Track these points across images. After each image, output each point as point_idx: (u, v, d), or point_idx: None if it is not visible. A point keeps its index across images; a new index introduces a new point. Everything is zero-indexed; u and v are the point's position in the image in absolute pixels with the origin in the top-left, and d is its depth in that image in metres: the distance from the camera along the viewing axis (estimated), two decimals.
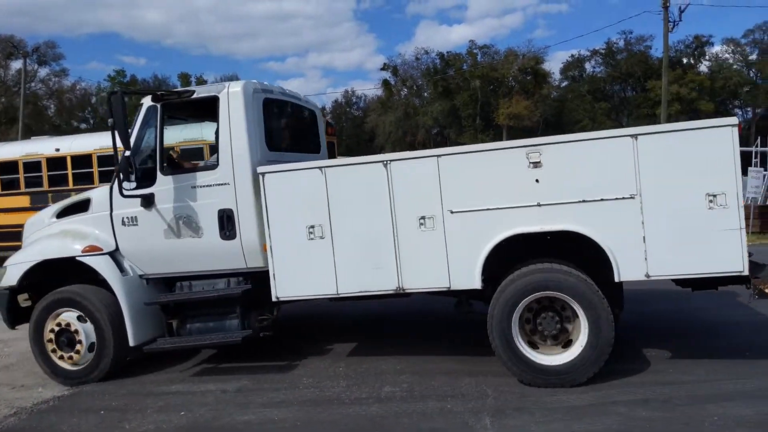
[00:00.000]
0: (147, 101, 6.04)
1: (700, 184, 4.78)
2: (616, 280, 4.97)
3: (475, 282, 5.20)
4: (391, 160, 5.41)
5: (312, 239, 5.52)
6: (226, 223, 5.80)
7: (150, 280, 6.15)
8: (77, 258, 6.06)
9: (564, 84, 62.04)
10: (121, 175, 5.66)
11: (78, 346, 6.01)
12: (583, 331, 5.02)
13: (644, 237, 4.87)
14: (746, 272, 4.76)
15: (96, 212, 6.20)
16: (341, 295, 5.54)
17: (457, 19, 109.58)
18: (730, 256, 4.76)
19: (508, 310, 5.09)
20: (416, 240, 5.30)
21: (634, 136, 4.89)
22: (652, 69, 53.24)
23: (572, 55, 61.46)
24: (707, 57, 58.66)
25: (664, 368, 5.32)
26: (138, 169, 5.90)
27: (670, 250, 4.85)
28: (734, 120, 4.77)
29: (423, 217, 5.27)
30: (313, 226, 5.51)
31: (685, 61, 57.89)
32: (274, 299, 5.66)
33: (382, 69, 60.18)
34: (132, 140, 5.78)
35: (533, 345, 5.19)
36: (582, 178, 4.98)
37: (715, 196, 4.75)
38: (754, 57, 57.48)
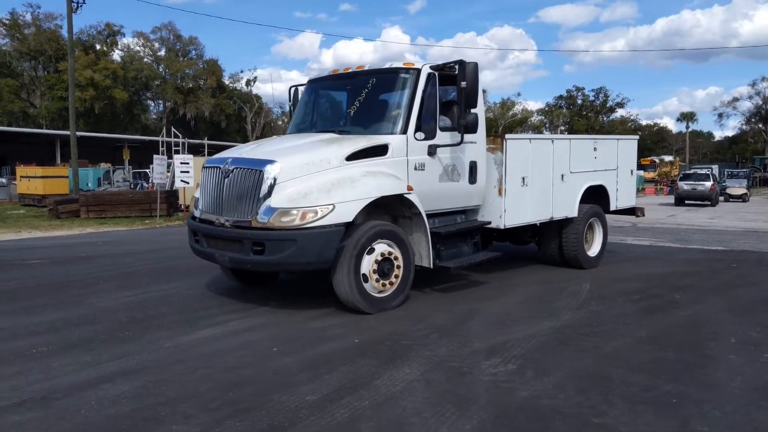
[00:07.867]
0: (426, 69, 7.16)
1: (629, 164, 10.43)
2: (611, 209, 10.08)
3: (574, 213, 9.24)
4: (554, 139, 8.85)
5: (523, 186, 8.30)
6: (473, 171, 7.75)
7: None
8: (405, 195, 6.70)
9: None
10: (465, 129, 6.97)
11: (396, 272, 6.68)
12: (598, 235, 9.89)
13: (617, 189, 10.16)
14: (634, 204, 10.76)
15: (395, 157, 6.80)
16: (531, 222, 8.55)
17: None
18: (632, 197, 10.63)
19: (586, 220, 9.43)
20: (559, 187, 8.92)
21: (617, 139, 10.16)
22: (64, 49, 52.55)
23: None
24: (120, 47, 62.34)
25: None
26: (426, 124, 7.13)
27: (622, 195, 10.30)
28: (636, 136, 10.71)
29: (562, 175, 8.96)
30: (524, 177, 8.29)
31: (98, 47, 59.87)
32: (502, 227, 8.05)
33: None
34: (419, 101, 7.05)
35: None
36: (608, 158, 9.84)
37: (632, 170, 10.51)
38: (162, 53, 64.50)
